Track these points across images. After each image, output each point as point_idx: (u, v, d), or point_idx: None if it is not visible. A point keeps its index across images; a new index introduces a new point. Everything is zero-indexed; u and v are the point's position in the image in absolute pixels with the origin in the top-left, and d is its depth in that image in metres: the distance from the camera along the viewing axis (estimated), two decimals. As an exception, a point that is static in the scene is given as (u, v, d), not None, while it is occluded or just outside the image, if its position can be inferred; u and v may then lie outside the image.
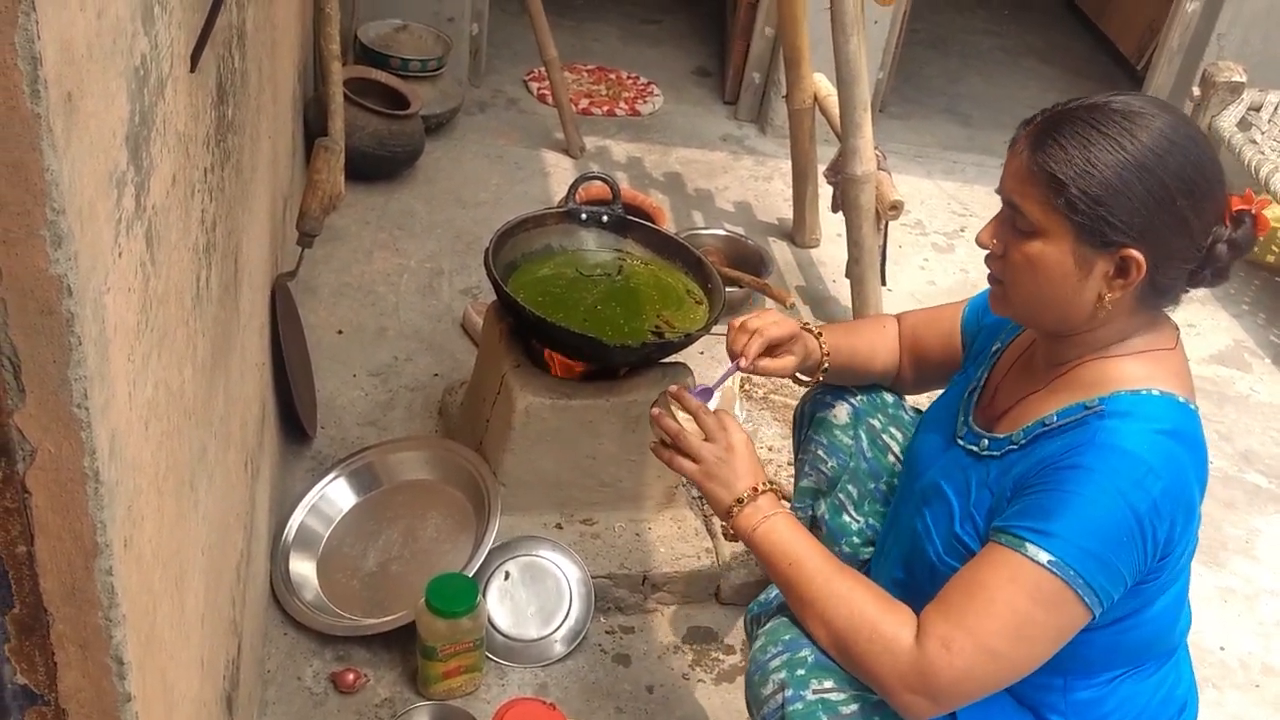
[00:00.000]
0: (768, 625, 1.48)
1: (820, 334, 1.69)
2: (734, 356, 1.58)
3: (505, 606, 2.01)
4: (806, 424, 1.80)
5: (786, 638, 1.42)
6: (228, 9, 1.31)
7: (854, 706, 1.36)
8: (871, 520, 1.72)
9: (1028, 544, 1.27)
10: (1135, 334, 1.38)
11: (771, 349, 1.59)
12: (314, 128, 2.86)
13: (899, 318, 1.78)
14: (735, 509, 1.47)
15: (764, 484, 1.48)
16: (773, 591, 1.57)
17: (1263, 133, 3.31)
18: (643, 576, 2.10)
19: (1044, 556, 1.26)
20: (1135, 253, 1.29)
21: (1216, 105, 3.33)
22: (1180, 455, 1.31)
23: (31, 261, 0.70)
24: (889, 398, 1.77)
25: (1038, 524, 1.28)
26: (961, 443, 1.50)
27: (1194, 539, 1.40)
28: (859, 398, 1.75)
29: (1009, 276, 1.39)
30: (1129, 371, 1.36)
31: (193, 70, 1.09)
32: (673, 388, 1.55)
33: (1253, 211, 1.35)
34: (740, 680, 2.02)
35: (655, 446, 1.55)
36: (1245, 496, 2.72)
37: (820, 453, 1.74)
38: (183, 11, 1.03)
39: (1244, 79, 3.31)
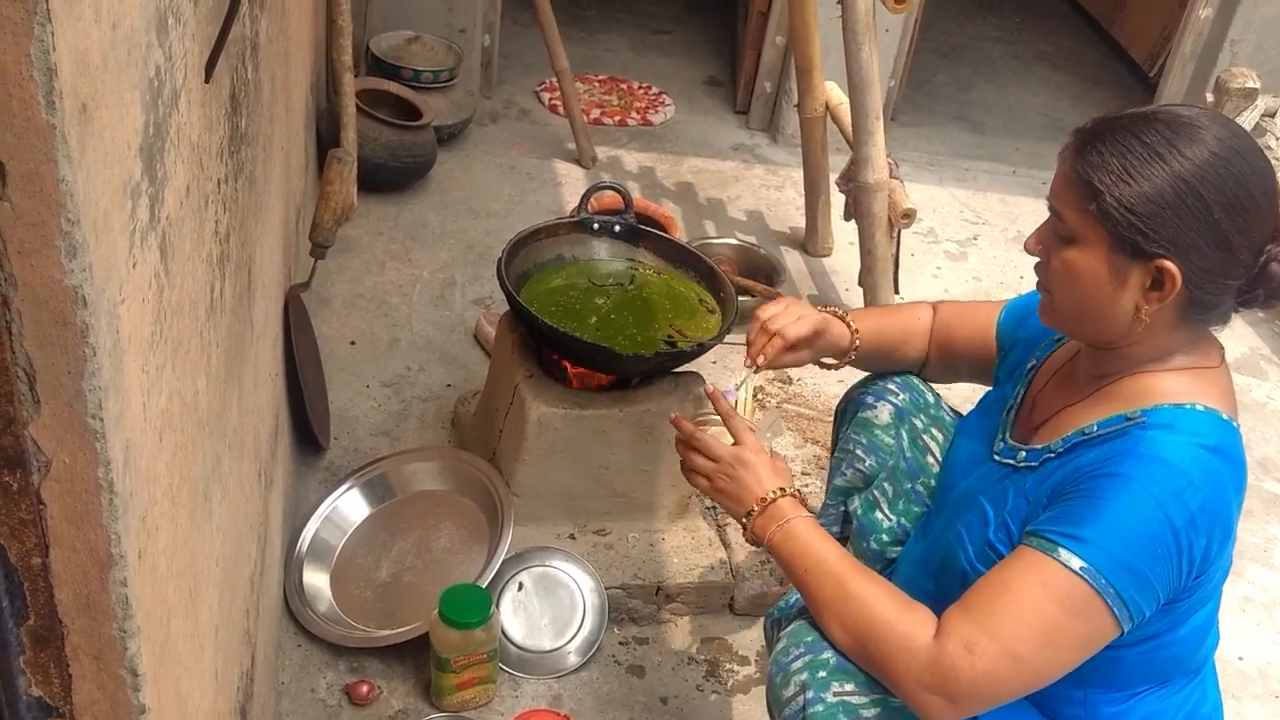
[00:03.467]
0: (789, 627, 1.47)
1: (849, 319, 1.72)
2: (752, 355, 1.64)
3: (519, 617, 2.01)
4: (846, 422, 1.79)
5: (808, 639, 1.41)
6: (241, 20, 1.31)
7: (875, 710, 1.35)
8: (904, 520, 1.71)
9: (1060, 549, 1.25)
10: (1179, 351, 1.36)
11: (791, 348, 1.66)
12: (326, 139, 2.87)
13: (935, 307, 1.78)
14: (754, 512, 1.48)
15: (779, 490, 1.49)
16: (793, 595, 1.56)
17: (1277, 139, 3.30)
18: (656, 587, 2.10)
19: (1076, 563, 1.24)
20: (1170, 265, 1.27)
21: (1230, 112, 3.32)
22: (1222, 471, 1.28)
23: (46, 272, 0.70)
24: (930, 398, 1.76)
25: (1072, 529, 1.26)
26: (999, 458, 1.49)
27: (1229, 559, 1.38)
28: (901, 397, 1.75)
29: (1052, 284, 1.38)
30: (1172, 386, 1.34)
31: (207, 81, 1.09)
32: (709, 387, 1.57)
33: None
34: (755, 691, 2.01)
35: (677, 443, 1.60)
36: (1262, 505, 2.70)
37: (859, 451, 1.74)
38: (196, 23, 1.03)
39: (1258, 85, 3.30)
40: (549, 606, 2.02)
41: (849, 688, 1.36)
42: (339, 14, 2.41)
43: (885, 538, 1.70)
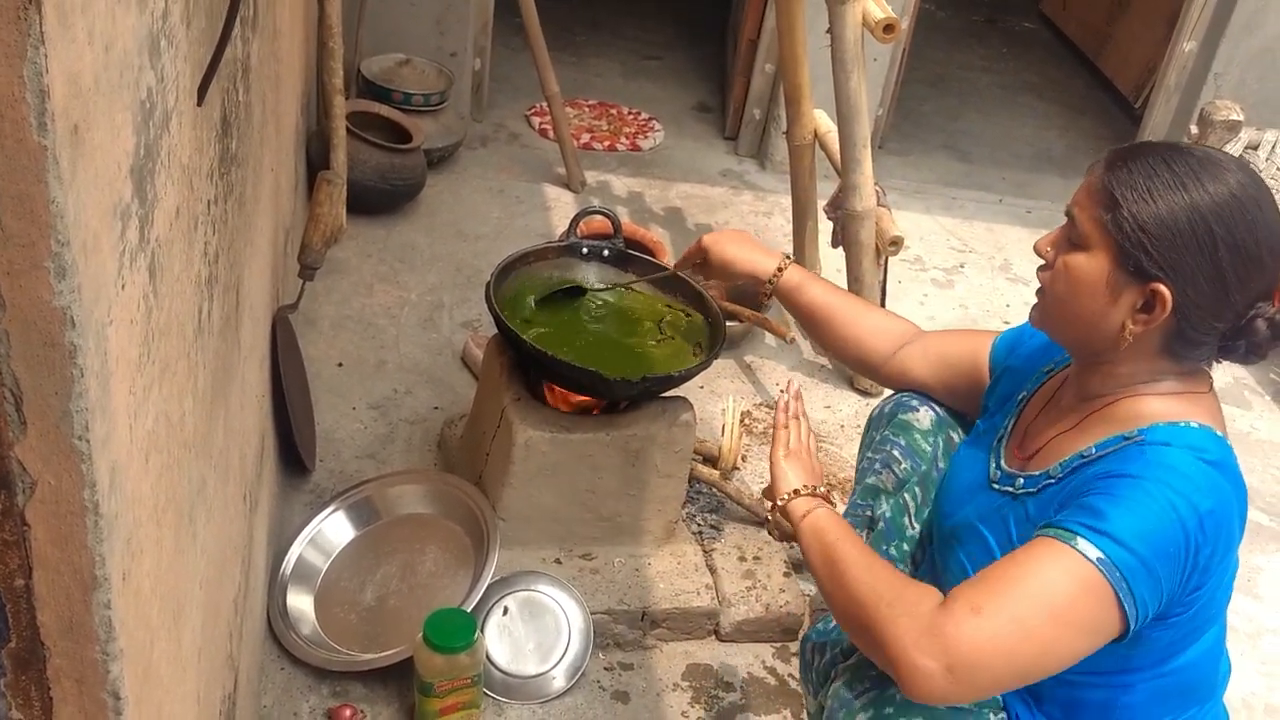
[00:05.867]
0: (833, 689, 1.49)
1: (785, 263, 1.92)
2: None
3: (504, 642, 2.00)
4: (884, 424, 1.79)
5: (874, 674, 1.42)
6: (233, 43, 1.32)
7: None
8: (925, 531, 1.72)
9: (1079, 538, 1.24)
10: (1166, 376, 1.38)
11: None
12: (316, 161, 2.87)
13: (925, 334, 1.84)
14: (797, 493, 1.56)
15: (824, 488, 1.58)
16: (831, 621, 1.57)
17: (1260, 170, 3.33)
18: (642, 612, 2.09)
19: (1094, 553, 1.23)
20: (1165, 290, 1.30)
21: (1214, 144, 3.35)
22: (1224, 485, 1.30)
23: (35, 293, 0.70)
24: (967, 420, 1.78)
25: (1091, 520, 1.25)
26: (997, 486, 1.50)
27: (1229, 581, 1.39)
28: (943, 409, 1.76)
29: (1050, 284, 1.42)
30: (1163, 407, 1.37)
31: (199, 104, 1.10)
32: (795, 392, 1.79)
33: None
34: (739, 718, 2.01)
35: (781, 405, 1.75)
36: (1246, 535, 2.68)
37: (896, 453, 1.73)
38: (189, 46, 1.04)
39: (1241, 118, 3.33)
40: (534, 631, 2.01)
41: None
42: (330, 37, 2.42)
43: (906, 546, 1.70)
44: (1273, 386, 3.31)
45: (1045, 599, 1.22)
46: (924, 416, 1.74)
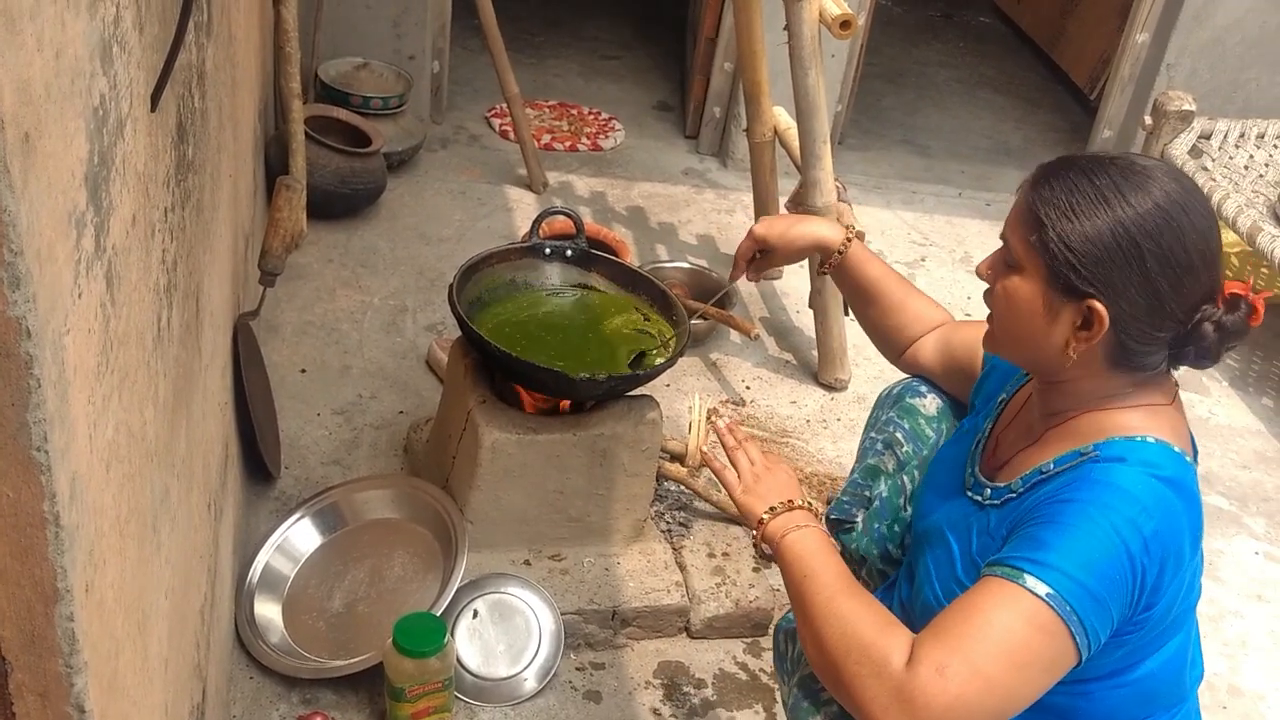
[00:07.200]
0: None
1: (853, 237, 1.84)
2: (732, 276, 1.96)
3: (474, 645, 1.99)
4: (890, 405, 1.80)
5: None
6: (187, 49, 1.31)
7: None
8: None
9: (1026, 575, 1.25)
10: (1126, 390, 1.38)
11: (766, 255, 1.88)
12: (275, 166, 2.85)
13: (950, 324, 1.84)
14: (767, 516, 1.50)
15: (800, 501, 1.52)
16: None
17: (1213, 160, 3.38)
18: (612, 612, 2.09)
19: (1042, 589, 1.24)
20: (1099, 306, 1.30)
21: (1168, 134, 3.40)
22: (1173, 501, 1.30)
23: (-11, 304, 0.69)
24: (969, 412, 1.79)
25: (1034, 555, 1.26)
26: (969, 493, 1.51)
27: (1195, 590, 1.39)
28: (949, 398, 1.78)
29: (993, 309, 1.43)
30: (1122, 421, 1.37)
31: (153, 110, 1.09)
32: (725, 421, 1.71)
33: (1248, 298, 1.35)
34: (711, 714, 2.02)
35: (706, 454, 1.72)
36: (1206, 518, 2.72)
37: (899, 435, 1.75)
38: (142, 51, 1.03)
39: (1194, 108, 3.38)
40: (504, 633, 2.01)
41: None
42: (286, 41, 2.41)
43: (898, 528, 1.70)
44: (1229, 372, 3.36)
45: (1003, 647, 1.23)
46: (930, 403, 1.76)
